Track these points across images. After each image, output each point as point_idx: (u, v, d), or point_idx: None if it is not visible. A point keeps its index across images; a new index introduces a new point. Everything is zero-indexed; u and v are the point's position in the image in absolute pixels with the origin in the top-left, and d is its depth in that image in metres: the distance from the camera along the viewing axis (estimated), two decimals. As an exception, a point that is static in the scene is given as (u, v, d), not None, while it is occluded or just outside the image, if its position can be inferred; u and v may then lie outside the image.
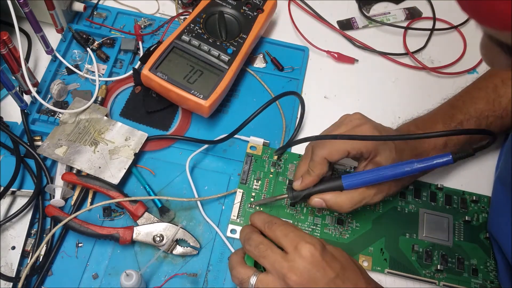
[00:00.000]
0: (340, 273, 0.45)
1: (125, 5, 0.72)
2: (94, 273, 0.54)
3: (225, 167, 0.61)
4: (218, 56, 0.62)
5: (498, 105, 0.57)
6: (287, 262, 0.44)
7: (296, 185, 0.53)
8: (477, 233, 0.57)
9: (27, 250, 0.54)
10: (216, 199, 0.58)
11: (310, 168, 0.52)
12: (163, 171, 0.60)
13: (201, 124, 0.63)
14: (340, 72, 0.69)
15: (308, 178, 0.52)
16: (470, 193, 0.60)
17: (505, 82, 0.58)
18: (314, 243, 0.45)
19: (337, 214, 0.58)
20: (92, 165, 0.57)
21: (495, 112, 0.57)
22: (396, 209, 0.58)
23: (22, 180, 0.57)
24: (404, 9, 0.75)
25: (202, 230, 0.57)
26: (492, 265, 0.56)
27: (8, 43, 0.54)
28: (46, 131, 0.60)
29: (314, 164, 0.52)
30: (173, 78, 0.60)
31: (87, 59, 0.66)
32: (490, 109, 0.57)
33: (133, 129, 0.60)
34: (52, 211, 0.54)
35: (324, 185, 0.52)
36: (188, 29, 0.63)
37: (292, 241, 0.45)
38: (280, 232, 0.47)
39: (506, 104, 0.57)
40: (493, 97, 0.58)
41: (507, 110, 0.57)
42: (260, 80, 0.67)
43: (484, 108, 0.57)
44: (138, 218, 0.55)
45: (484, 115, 0.57)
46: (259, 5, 0.67)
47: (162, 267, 0.54)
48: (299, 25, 0.72)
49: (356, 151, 0.51)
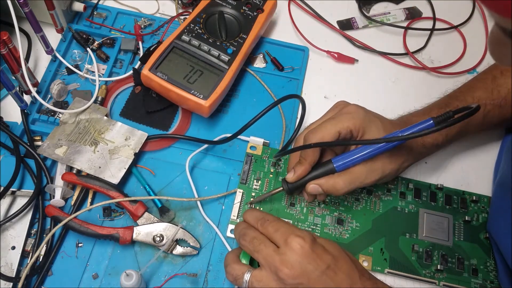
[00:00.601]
0: (332, 264, 0.45)
1: (125, 5, 0.72)
2: (94, 273, 0.54)
3: (225, 167, 0.61)
4: (218, 56, 0.62)
5: (497, 94, 0.57)
6: (278, 255, 0.45)
7: (289, 177, 0.53)
8: (477, 233, 0.57)
9: (27, 250, 0.54)
10: (216, 199, 0.58)
11: (303, 157, 0.52)
12: (163, 171, 0.60)
13: (201, 124, 0.63)
14: (340, 72, 0.69)
15: (300, 168, 0.52)
16: (470, 193, 0.60)
17: (504, 73, 0.58)
18: (304, 236, 0.45)
19: (337, 214, 0.58)
20: (92, 165, 0.57)
21: (494, 100, 0.57)
22: (396, 209, 0.58)
23: (22, 180, 0.57)
24: (404, 9, 0.75)
25: (202, 230, 0.57)
26: (492, 265, 0.56)
27: (8, 43, 0.54)
28: (46, 131, 0.60)
29: (307, 152, 0.52)
30: (173, 78, 0.60)
31: (87, 59, 0.66)
32: (488, 97, 0.57)
33: (133, 129, 0.60)
34: (52, 211, 0.54)
35: (317, 171, 0.52)
36: (188, 29, 0.63)
37: (283, 234, 0.46)
38: (272, 227, 0.47)
39: (505, 94, 0.57)
40: (492, 87, 0.58)
41: (506, 99, 0.57)
42: (260, 80, 0.67)
43: (482, 96, 0.57)
44: (138, 218, 0.55)
45: (482, 102, 0.57)
46: (259, 5, 0.67)
47: (162, 267, 0.54)
48: (299, 25, 0.72)
49: (346, 130, 0.51)
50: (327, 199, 0.58)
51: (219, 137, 0.61)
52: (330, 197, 0.58)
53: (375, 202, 0.59)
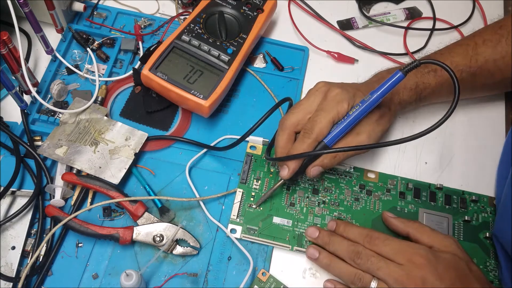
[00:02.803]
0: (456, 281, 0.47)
1: (125, 5, 0.72)
2: (94, 273, 0.54)
3: (225, 167, 0.61)
4: (218, 56, 0.62)
5: (474, 62, 0.58)
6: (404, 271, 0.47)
7: (284, 174, 0.53)
8: (476, 233, 0.57)
9: (27, 250, 0.54)
10: (216, 199, 0.59)
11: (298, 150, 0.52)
12: (163, 171, 0.60)
13: (201, 124, 0.63)
14: (340, 72, 0.69)
15: (292, 163, 0.53)
16: (469, 192, 0.60)
17: (485, 43, 0.59)
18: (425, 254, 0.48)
19: (336, 214, 0.58)
20: (92, 165, 0.57)
21: (470, 68, 0.58)
22: (395, 209, 0.58)
23: (22, 180, 0.57)
24: (404, 9, 0.75)
25: (202, 230, 0.57)
26: (492, 265, 0.56)
27: (8, 43, 0.54)
28: (46, 131, 0.60)
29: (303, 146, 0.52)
30: (173, 78, 0.60)
31: (87, 59, 0.66)
32: (465, 64, 0.58)
33: (133, 129, 0.60)
34: (52, 211, 0.54)
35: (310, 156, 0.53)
36: (188, 29, 0.63)
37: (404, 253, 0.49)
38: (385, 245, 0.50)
39: (482, 63, 0.59)
40: (471, 54, 0.59)
41: (482, 69, 0.59)
42: (260, 80, 0.67)
43: (460, 62, 0.58)
44: (138, 218, 0.55)
45: (458, 69, 0.58)
46: (259, 5, 0.67)
47: (162, 267, 0.54)
48: (299, 25, 0.72)
49: (337, 116, 0.52)
50: (327, 199, 0.58)
51: (219, 139, 0.61)
52: (330, 197, 0.58)
53: (374, 202, 0.59)
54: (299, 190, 0.59)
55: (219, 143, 0.62)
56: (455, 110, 0.46)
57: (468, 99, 0.67)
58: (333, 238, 0.53)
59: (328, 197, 0.59)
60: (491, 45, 0.59)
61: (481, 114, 0.67)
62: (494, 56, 0.58)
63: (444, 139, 0.64)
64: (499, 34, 0.59)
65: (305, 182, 0.59)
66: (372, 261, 0.49)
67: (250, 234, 0.56)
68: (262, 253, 0.56)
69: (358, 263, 0.50)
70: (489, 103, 0.67)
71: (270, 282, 0.54)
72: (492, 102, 0.67)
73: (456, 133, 0.65)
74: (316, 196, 0.58)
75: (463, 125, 0.66)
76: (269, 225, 0.56)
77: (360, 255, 0.50)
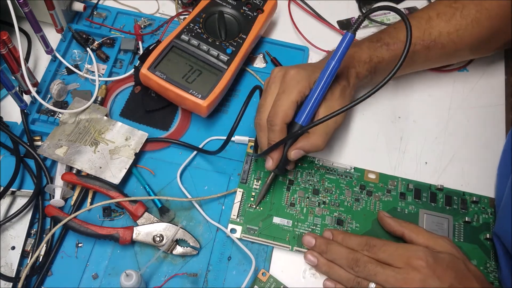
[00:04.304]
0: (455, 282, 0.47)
1: (125, 5, 0.72)
2: (94, 273, 0.54)
3: (225, 167, 0.61)
4: (217, 56, 0.62)
5: (427, 36, 0.59)
6: (401, 275, 0.48)
7: (268, 165, 0.54)
8: (477, 234, 0.57)
9: (27, 250, 0.54)
10: (216, 199, 0.58)
11: (273, 140, 0.52)
12: (163, 171, 0.60)
13: (201, 123, 0.63)
14: (340, 72, 0.69)
15: (275, 153, 0.54)
16: (470, 193, 0.60)
17: (440, 16, 0.59)
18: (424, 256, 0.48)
19: (337, 215, 0.58)
20: (92, 165, 0.57)
21: (424, 41, 0.59)
22: (396, 210, 0.58)
23: (22, 180, 0.57)
24: (404, 9, 0.75)
25: (202, 230, 0.57)
26: (492, 266, 0.56)
27: (8, 43, 0.54)
28: (46, 131, 0.60)
29: (275, 134, 0.52)
30: (172, 78, 0.60)
31: (87, 59, 0.66)
32: (419, 37, 0.59)
33: (133, 129, 0.60)
34: (52, 211, 0.54)
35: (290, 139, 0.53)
36: (187, 29, 0.63)
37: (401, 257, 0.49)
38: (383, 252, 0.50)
39: (436, 37, 0.59)
40: (425, 27, 0.59)
41: (436, 42, 0.59)
42: (260, 80, 0.67)
43: (414, 35, 0.58)
44: (138, 218, 0.55)
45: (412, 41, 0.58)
46: (259, 5, 0.67)
47: (162, 267, 0.54)
48: (299, 25, 0.72)
49: (299, 95, 0.52)
50: (327, 200, 0.58)
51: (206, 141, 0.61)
52: (331, 197, 0.58)
53: (375, 203, 0.59)
54: (299, 190, 0.59)
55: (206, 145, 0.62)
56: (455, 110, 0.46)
57: (469, 99, 0.67)
58: (330, 246, 0.53)
59: (329, 198, 0.58)
60: (445, 18, 0.59)
61: (481, 114, 0.66)
62: (448, 29, 0.59)
63: (444, 139, 0.64)
64: (453, 8, 0.59)
65: (305, 182, 0.59)
66: (369, 268, 0.49)
67: (250, 234, 0.56)
68: (262, 253, 0.56)
69: (356, 270, 0.50)
70: (489, 103, 0.67)
71: (270, 282, 0.54)
72: (492, 102, 0.67)
73: (456, 133, 0.65)
74: (316, 197, 0.58)
75: (463, 125, 0.66)
76: (269, 225, 0.56)
77: (358, 263, 0.50)
